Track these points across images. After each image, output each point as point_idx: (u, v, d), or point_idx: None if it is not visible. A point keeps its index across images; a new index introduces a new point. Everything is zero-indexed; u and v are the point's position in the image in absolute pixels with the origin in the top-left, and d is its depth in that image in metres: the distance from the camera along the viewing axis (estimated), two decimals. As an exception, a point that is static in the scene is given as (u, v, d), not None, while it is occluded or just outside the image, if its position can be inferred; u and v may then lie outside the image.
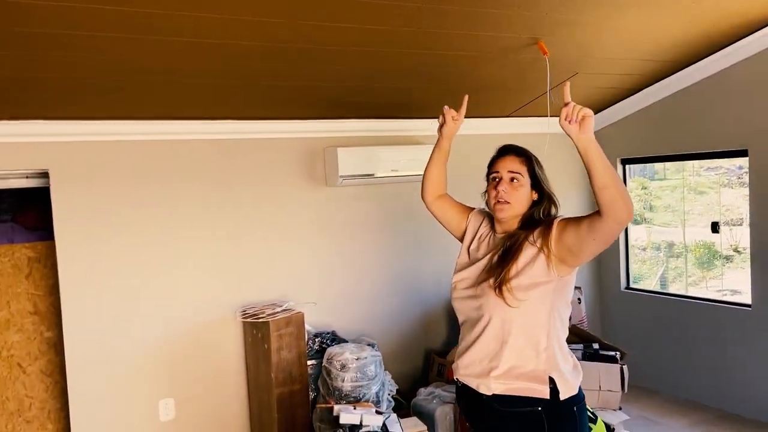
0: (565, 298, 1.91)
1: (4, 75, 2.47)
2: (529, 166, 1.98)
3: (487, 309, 1.89)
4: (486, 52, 3.07)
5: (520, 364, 1.86)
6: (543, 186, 1.98)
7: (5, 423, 3.63)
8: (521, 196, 1.95)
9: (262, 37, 2.51)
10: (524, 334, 1.85)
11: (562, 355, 1.89)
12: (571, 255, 1.81)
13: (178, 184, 3.39)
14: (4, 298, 3.66)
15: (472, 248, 2.08)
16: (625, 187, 1.66)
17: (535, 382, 1.85)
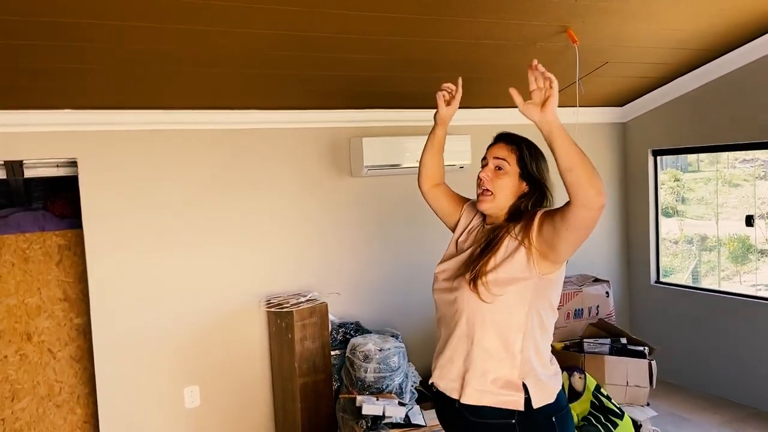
0: (548, 299, 1.77)
1: (35, 66, 2.51)
2: (519, 154, 1.85)
3: (461, 303, 1.77)
4: (513, 41, 3.01)
5: (492, 367, 1.74)
6: (534, 176, 1.84)
7: (36, 407, 3.71)
8: (505, 185, 1.83)
9: (287, 26, 2.49)
10: (497, 333, 1.73)
11: (539, 361, 1.76)
12: (550, 248, 1.69)
13: (204, 174, 3.41)
14: (35, 285, 3.73)
15: (460, 240, 1.98)
16: (594, 169, 1.55)
17: (508, 390, 1.73)
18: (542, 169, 1.88)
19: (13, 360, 3.67)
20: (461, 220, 2.05)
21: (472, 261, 1.80)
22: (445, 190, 2.17)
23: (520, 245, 1.73)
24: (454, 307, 1.81)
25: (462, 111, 3.91)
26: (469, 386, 1.76)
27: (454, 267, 1.88)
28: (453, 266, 1.89)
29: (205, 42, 2.53)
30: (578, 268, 4.43)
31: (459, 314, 1.79)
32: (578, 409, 3.39)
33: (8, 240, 3.70)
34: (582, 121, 4.37)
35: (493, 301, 1.72)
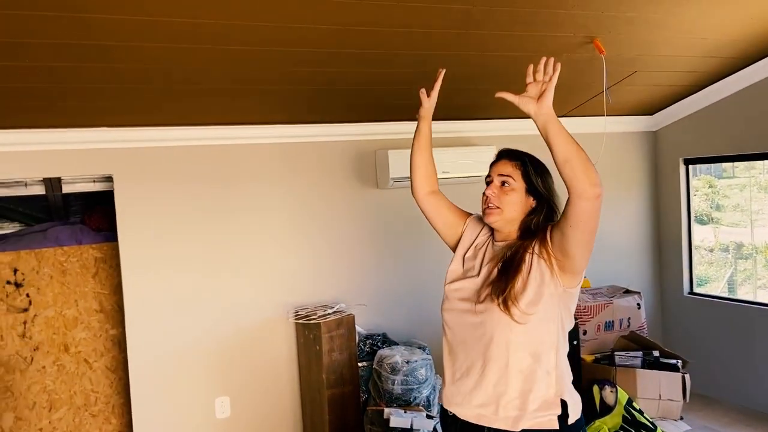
0: (569, 311, 1.77)
1: (72, 86, 2.60)
2: (524, 170, 1.83)
3: (490, 326, 1.72)
4: (539, 53, 3.00)
5: (530, 387, 1.69)
6: (540, 190, 1.82)
7: (72, 416, 3.81)
8: (512, 201, 1.80)
9: (313, 43, 2.54)
10: (531, 353, 1.70)
11: (568, 373, 1.76)
12: (564, 255, 1.68)
13: (234, 187, 3.48)
14: (73, 297, 3.84)
15: (467, 256, 1.92)
16: (589, 161, 1.57)
17: (546, 411, 1.69)
18: (548, 182, 1.85)
19: (50, 370, 3.77)
20: (465, 233, 1.98)
21: (495, 281, 1.75)
22: (446, 200, 2.08)
23: (541, 260, 1.71)
24: (481, 331, 1.75)
25: (488, 122, 3.97)
26: (504, 411, 1.71)
27: (473, 287, 1.82)
28: (470, 286, 1.83)
29: (237, 61, 2.59)
30: (609, 279, 4.37)
31: (488, 337, 1.73)
32: (610, 423, 3.34)
33: (47, 253, 3.82)
34: (611, 130, 4.33)
35: (527, 321, 1.68)
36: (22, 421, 3.71)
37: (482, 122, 3.97)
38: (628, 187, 4.52)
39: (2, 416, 3.67)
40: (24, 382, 3.72)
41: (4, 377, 3.68)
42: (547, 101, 1.59)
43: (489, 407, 1.73)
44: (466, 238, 1.97)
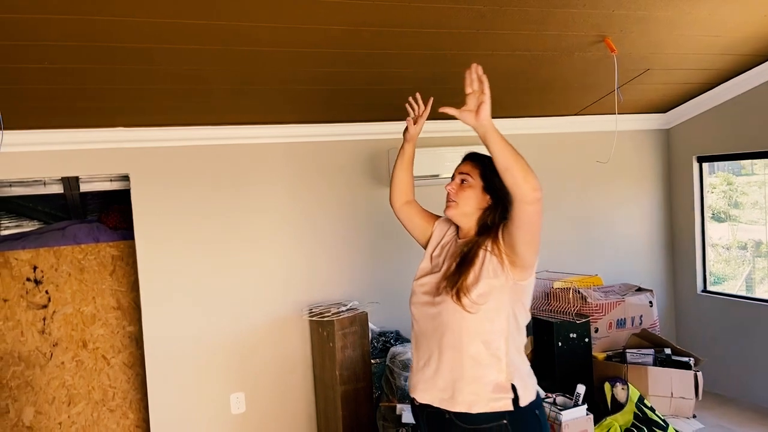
0: (522, 303, 1.90)
1: (90, 87, 2.65)
2: (482, 169, 1.99)
3: (446, 316, 1.87)
4: (551, 52, 3.03)
5: (482, 373, 1.84)
6: (496, 189, 1.95)
7: (91, 411, 3.88)
8: (469, 197, 1.97)
9: (328, 43, 2.58)
10: (482, 341, 1.84)
11: (521, 359, 1.90)
12: (512, 252, 1.82)
13: (248, 186, 3.53)
14: (90, 294, 3.91)
15: (434, 254, 2.08)
16: (528, 167, 1.69)
17: (498, 393, 1.83)
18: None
19: (69, 366, 3.85)
20: (433, 235, 2.16)
21: (452, 275, 1.91)
22: (417, 207, 2.27)
23: (493, 256, 1.86)
24: (438, 321, 1.90)
25: (500, 121, 3.96)
26: (460, 395, 1.85)
27: (434, 282, 1.97)
28: (432, 281, 1.98)
29: (251, 61, 2.63)
30: (621, 277, 4.37)
31: (444, 327, 1.88)
32: (621, 420, 3.35)
33: (65, 251, 3.89)
34: (624, 128, 4.33)
35: (477, 311, 1.83)
36: (42, 415, 3.79)
37: (494, 121, 3.98)
38: (641, 185, 4.52)
39: (23, 410, 3.75)
40: (44, 377, 3.80)
41: (24, 372, 3.76)
42: (484, 113, 1.68)
43: (447, 392, 1.87)
44: (434, 238, 2.15)
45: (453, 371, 1.86)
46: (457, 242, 2.03)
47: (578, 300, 3.70)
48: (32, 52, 2.24)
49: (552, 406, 3.17)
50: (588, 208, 4.35)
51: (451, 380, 1.86)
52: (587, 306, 3.70)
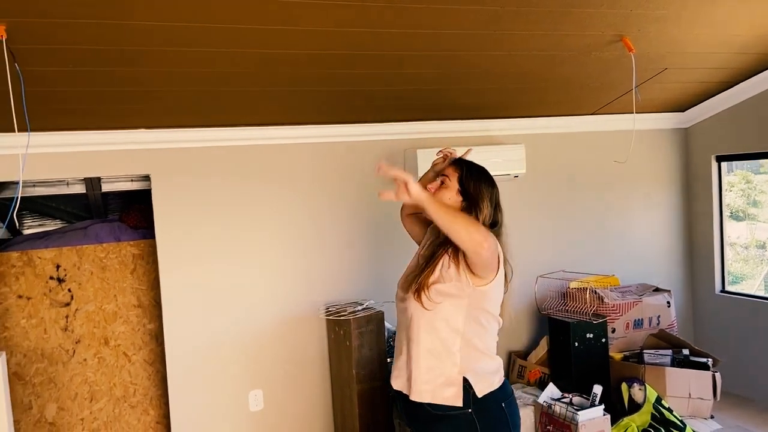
0: (483, 307, 2.01)
1: (111, 89, 2.70)
2: (460, 174, 2.11)
3: (410, 311, 2.03)
4: (568, 51, 3.03)
5: (435, 365, 1.99)
6: (470, 193, 2.07)
7: (112, 407, 3.95)
8: (443, 197, 2.08)
9: (345, 45, 2.60)
10: (437, 336, 1.99)
11: (478, 357, 2.01)
12: (470, 264, 1.95)
13: (267, 187, 3.56)
14: (112, 292, 3.97)
15: (421, 253, 2.22)
16: (467, 227, 1.88)
17: (449, 387, 1.97)
18: (480, 188, 2.10)
19: (91, 363, 3.91)
20: (426, 236, 2.29)
21: (416, 273, 2.07)
22: (418, 216, 2.39)
23: (452, 261, 1.99)
24: (406, 315, 2.07)
25: (516, 120, 3.98)
26: (416, 384, 2.01)
27: (406, 278, 2.14)
28: (407, 277, 2.14)
29: (272, 63, 2.67)
30: (638, 277, 4.35)
31: (409, 321, 2.04)
32: (638, 421, 3.34)
33: (87, 250, 3.96)
34: (642, 127, 4.31)
35: (433, 308, 1.98)
36: (65, 411, 3.86)
37: (510, 121, 3.99)
38: (658, 185, 4.49)
39: (46, 406, 3.83)
40: (66, 373, 3.87)
41: (47, 369, 3.84)
42: (413, 191, 1.81)
43: (408, 381, 2.04)
44: (425, 239, 2.29)
45: (414, 362, 2.02)
46: (434, 242, 2.16)
47: (595, 300, 3.69)
48: (57, 55, 2.29)
49: (568, 406, 3.17)
50: (605, 208, 4.34)
51: (410, 371, 2.03)
52: (604, 306, 3.69)
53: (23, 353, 3.78)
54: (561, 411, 3.17)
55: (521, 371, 3.89)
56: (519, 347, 4.15)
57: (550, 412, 3.24)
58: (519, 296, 4.12)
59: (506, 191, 4.01)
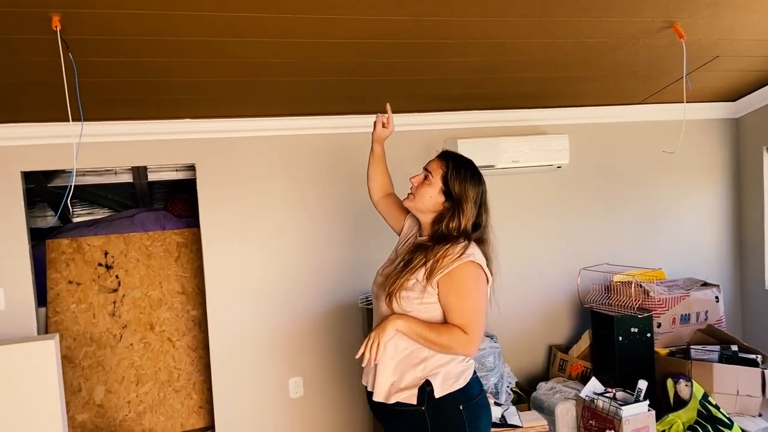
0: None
1: (159, 79, 2.76)
2: (445, 171, 2.01)
3: (383, 313, 1.96)
4: (616, 39, 2.95)
5: (401, 369, 1.92)
6: (453, 194, 1.97)
7: (157, 391, 4.05)
8: (424, 194, 2.01)
9: (387, 34, 2.59)
10: (405, 340, 1.91)
11: (448, 360, 1.93)
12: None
13: (310, 177, 3.59)
14: (157, 279, 4.07)
15: (399, 247, 2.16)
16: (450, 344, 1.85)
17: (411, 389, 1.91)
18: (464, 189, 1.99)
19: (138, 347, 4.02)
20: (403, 228, 2.24)
21: (391, 277, 1.97)
22: (394, 200, 2.36)
23: (425, 278, 1.89)
24: (379, 315, 2.00)
25: (561, 110, 3.92)
26: (378, 387, 1.95)
27: (385, 275, 2.04)
28: (386, 274, 2.04)
29: (314, 52, 2.68)
30: (685, 271, 4.25)
31: (381, 320, 1.94)
32: (684, 417, 3.27)
33: (134, 238, 4.06)
34: (691, 117, 4.19)
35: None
36: (112, 393, 3.98)
37: (555, 110, 3.93)
38: (707, 177, 4.36)
39: (94, 389, 3.95)
40: (114, 357, 3.99)
41: (96, 353, 3.96)
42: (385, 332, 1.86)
43: (373, 379, 1.98)
44: (404, 231, 2.23)
45: (379, 363, 1.94)
46: (417, 238, 2.08)
47: (640, 294, 3.61)
48: (109, 45, 2.35)
49: (612, 401, 3.12)
50: (651, 200, 4.24)
51: (376, 370, 1.96)
52: (650, 300, 3.61)
53: (73, 337, 3.91)
54: (604, 406, 3.12)
55: (562, 365, 3.84)
56: (560, 341, 4.09)
57: (593, 406, 3.19)
58: (560, 289, 4.06)
59: (548, 182, 3.99)
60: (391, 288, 1.92)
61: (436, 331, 1.86)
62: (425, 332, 1.86)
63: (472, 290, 1.88)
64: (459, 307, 1.87)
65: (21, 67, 2.44)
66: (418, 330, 1.86)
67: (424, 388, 1.90)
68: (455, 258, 1.87)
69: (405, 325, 1.86)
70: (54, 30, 2.07)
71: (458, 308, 1.87)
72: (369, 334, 1.88)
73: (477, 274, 1.89)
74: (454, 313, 1.87)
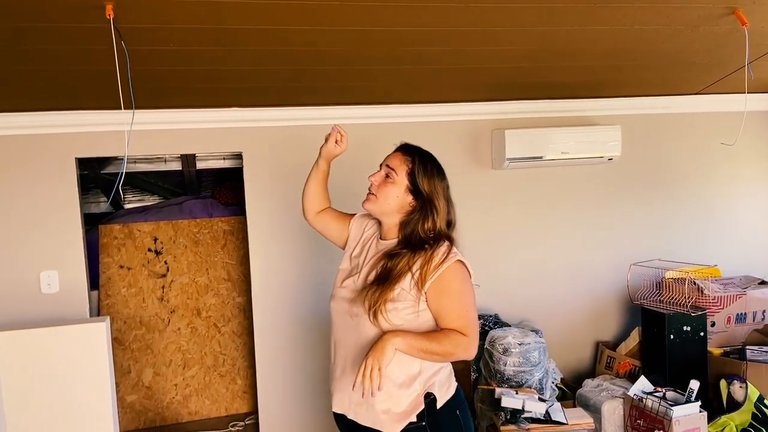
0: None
1: (207, 67, 2.79)
2: (411, 168, 1.88)
3: (363, 330, 1.78)
4: (674, 26, 2.83)
5: (394, 393, 1.76)
6: (422, 192, 1.84)
7: (203, 375, 4.13)
8: (389, 194, 1.86)
9: (440, 22, 2.55)
10: (397, 360, 1.72)
11: (436, 366, 1.82)
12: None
13: (355, 167, 3.57)
14: (204, 266, 4.15)
15: (354, 254, 1.98)
16: (449, 352, 1.74)
17: (413, 411, 1.77)
18: (434, 186, 1.88)
19: (185, 332, 4.11)
20: (351, 233, 2.06)
21: (370, 291, 1.78)
22: (331, 213, 2.16)
23: (414, 287, 1.76)
24: (357, 334, 1.80)
25: (612, 100, 3.80)
26: (377, 415, 1.78)
27: (353, 288, 1.86)
28: (352, 286, 1.88)
29: (363, 41, 2.66)
30: (742, 269, 4.08)
31: (363, 341, 1.77)
32: (737, 420, 3.15)
33: (182, 225, 4.14)
34: (752, 108, 4.01)
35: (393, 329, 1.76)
36: (160, 376, 4.08)
37: (606, 100, 3.81)
38: (767, 170, 4.17)
39: (143, 371, 4.06)
40: (162, 341, 4.09)
41: (145, 336, 4.07)
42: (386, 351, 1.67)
43: (362, 405, 1.79)
44: (352, 238, 2.05)
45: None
46: (379, 242, 1.92)
47: (694, 291, 3.49)
48: (160, 33, 2.38)
49: (661, 400, 3.02)
50: (708, 194, 4.07)
51: (367, 395, 1.74)
52: (704, 298, 3.48)
53: (123, 320, 4.02)
54: (653, 405, 3.03)
55: (609, 362, 3.75)
56: (607, 337, 3.99)
57: (641, 405, 3.10)
58: (608, 284, 3.96)
59: (599, 174, 3.88)
60: (374, 303, 1.74)
61: (437, 340, 1.72)
62: (426, 344, 1.70)
63: (464, 291, 1.79)
64: (454, 309, 1.77)
65: (76, 55, 2.50)
66: (417, 344, 1.70)
67: (427, 403, 1.78)
68: (443, 260, 1.78)
69: (404, 342, 1.68)
70: (107, 19, 2.11)
71: (454, 311, 1.77)
72: (364, 360, 1.65)
73: (465, 274, 1.82)
74: (449, 317, 1.76)
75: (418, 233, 1.83)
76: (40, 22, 2.17)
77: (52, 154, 3.20)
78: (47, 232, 3.22)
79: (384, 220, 1.93)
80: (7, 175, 3.17)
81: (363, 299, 1.78)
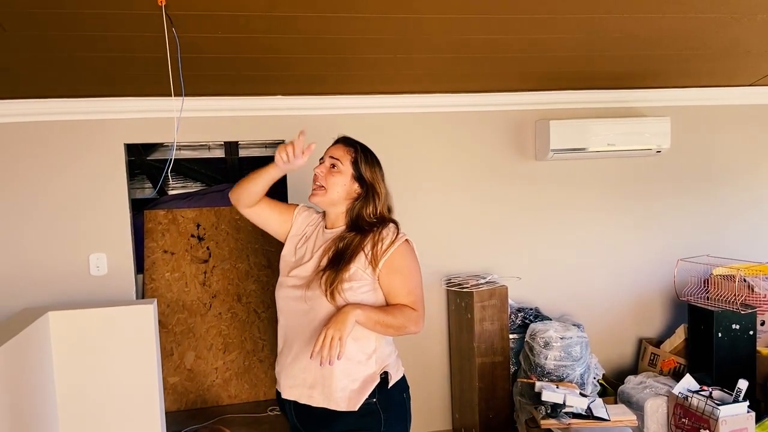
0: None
1: (253, 56, 2.80)
2: (354, 156, 1.96)
3: (318, 312, 1.82)
4: (731, 14, 2.73)
5: (351, 370, 1.82)
6: (366, 179, 1.93)
7: (243, 359, 4.20)
8: (337, 183, 1.93)
9: (483, 9, 2.51)
10: (353, 338, 1.79)
11: (389, 347, 1.93)
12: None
13: (395, 155, 3.56)
14: (245, 252, 4.20)
15: (299, 245, 2.01)
16: (402, 326, 1.82)
17: (368, 387, 1.83)
18: (375, 173, 1.97)
19: (225, 317, 4.18)
20: (295, 224, 2.08)
21: (325, 272, 1.84)
22: (269, 203, 2.11)
23: (369, 266, 1.84)
24: (310, 317, 1.83)
25: (661, 91, 3.70)
26: (333, 393, 1.81)
27: (303, 275, 1.90)
28: (302, 274, 1.91)
29: (405, 29, 2.64)
30: (793, 267, 3.94)
31: (317, 323, 1.81)
32: (787, 423, 3.05)
33: (224, 211, 4.20)
34: (807, 101, 3.86)
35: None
36: (201, 359, 4.16)
37: (654, 91, 3.72)
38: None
39: (185, 354, 4.15)
40: (203, 325, 4.16)
41: (187, 320, 4.15)
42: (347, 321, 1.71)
43: (316, 388, 1.83)
44: (295, 228, 2.07)
45: (324, 368, 1.79)
46: (325, 232, 1.97)
47: (744, 289, 3.38)
48: (208, 21, 2.40)
49: (708, 399, 2.95)
50: (760, 189, 3.94)
51: (320, 376, 1.82)
52: (754, 296, 3.37)
53: (167, 303, 4.11)
54: (699, 404, 2.96)
55: (653, 359, 3.67)
56: (651, 334, 3.91)
57: (687, 404, 3.03)
58: (654, 280, 3.87)
59: (647, 167, 3.79)
60: (331, 283, 1.80)
61: (392, 314, 1.82)
62: (383, 317, 1.79)
63: (413, 269, 1.91)
64: (406, 286, 1.87)
65: (127, 42, 2.54)
66: (375, 317, 1.77)
67: (380, 380, 1.85)
68: (393, 240, 1.88)
69: (363, 314, 1.75)
70: (159, 6, 2.13)
71: (404, 288, 1.87)
72: (323, 330, 1.69)
73: (413, 253, 1.93)
74: (401, 293, 1.86)
75: (363, 217, 1.93)
76: (98, 8, 2.22)
77: (102, 139, 3.28)
78: (96, 216, 3.30)
79: (331, 210, 1.99)
80: (59, 160, 3.26)
81: (319, 282, 1.84)
